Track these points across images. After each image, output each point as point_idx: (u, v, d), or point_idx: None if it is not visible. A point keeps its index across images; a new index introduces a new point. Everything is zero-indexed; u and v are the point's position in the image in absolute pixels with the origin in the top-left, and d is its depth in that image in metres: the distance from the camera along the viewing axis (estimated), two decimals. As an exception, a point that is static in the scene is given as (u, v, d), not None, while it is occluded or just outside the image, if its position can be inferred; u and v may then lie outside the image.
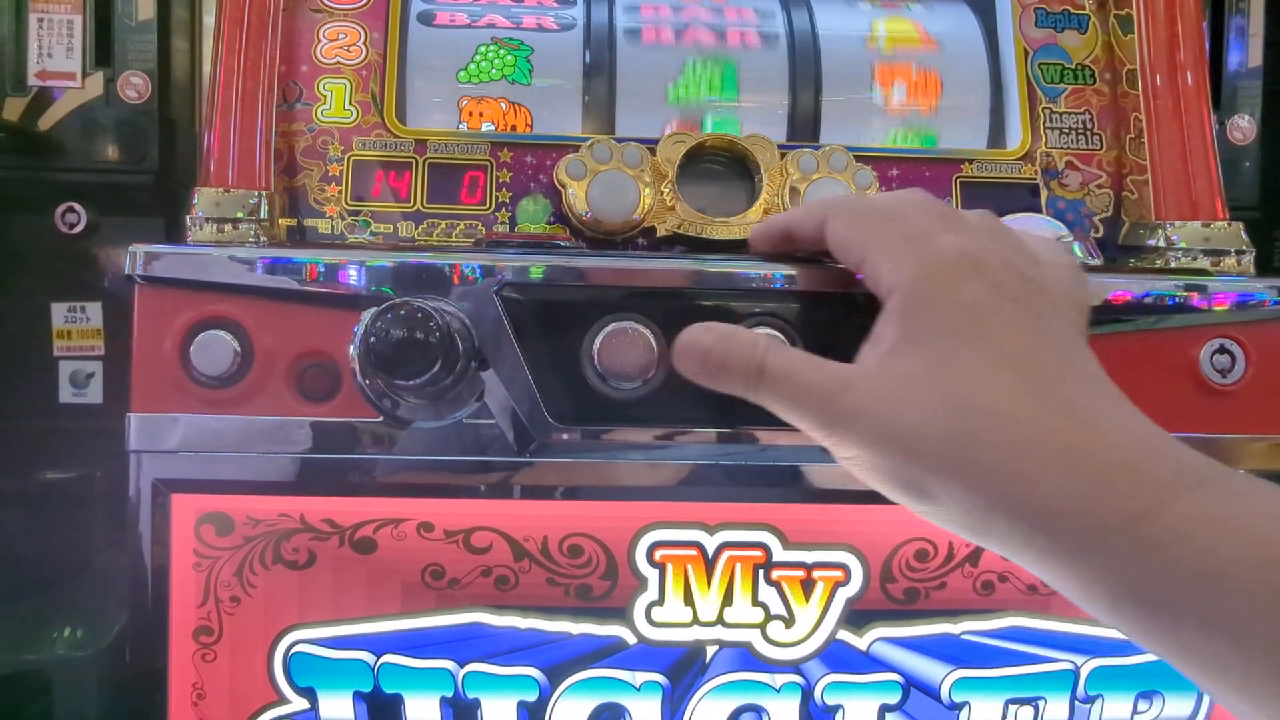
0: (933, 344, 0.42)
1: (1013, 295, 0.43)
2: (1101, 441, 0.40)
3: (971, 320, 0.42)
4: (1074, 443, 0.39)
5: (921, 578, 0.63)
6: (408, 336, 0.53)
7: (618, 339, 0.57)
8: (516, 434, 0.59)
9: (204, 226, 0.67)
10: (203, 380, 0.59)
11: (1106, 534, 0.38)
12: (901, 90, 0.81)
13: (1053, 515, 0.39)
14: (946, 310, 0.43)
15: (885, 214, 0.47)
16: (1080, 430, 0.40)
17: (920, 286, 0.43)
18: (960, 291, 0.43)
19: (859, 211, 0.48)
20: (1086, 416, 0.41)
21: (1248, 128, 0.95)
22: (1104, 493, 0.38)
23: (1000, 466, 0.40)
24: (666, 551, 0.62)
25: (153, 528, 0.59)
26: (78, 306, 0.94)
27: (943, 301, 0.43)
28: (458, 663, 0.61)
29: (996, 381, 0.41)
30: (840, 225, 0.48)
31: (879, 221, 0.47)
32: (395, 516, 0.60)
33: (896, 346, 0.43)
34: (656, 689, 0.62)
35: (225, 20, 0.71)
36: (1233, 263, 0.73)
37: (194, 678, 0.60)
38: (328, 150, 0.73)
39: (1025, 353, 0.42)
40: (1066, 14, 0.82)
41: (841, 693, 0.63)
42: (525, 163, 0.74)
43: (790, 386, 0.46)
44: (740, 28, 0.82)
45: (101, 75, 0.89)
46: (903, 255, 0.44)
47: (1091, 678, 0.64)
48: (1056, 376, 0.42)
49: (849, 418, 0.43)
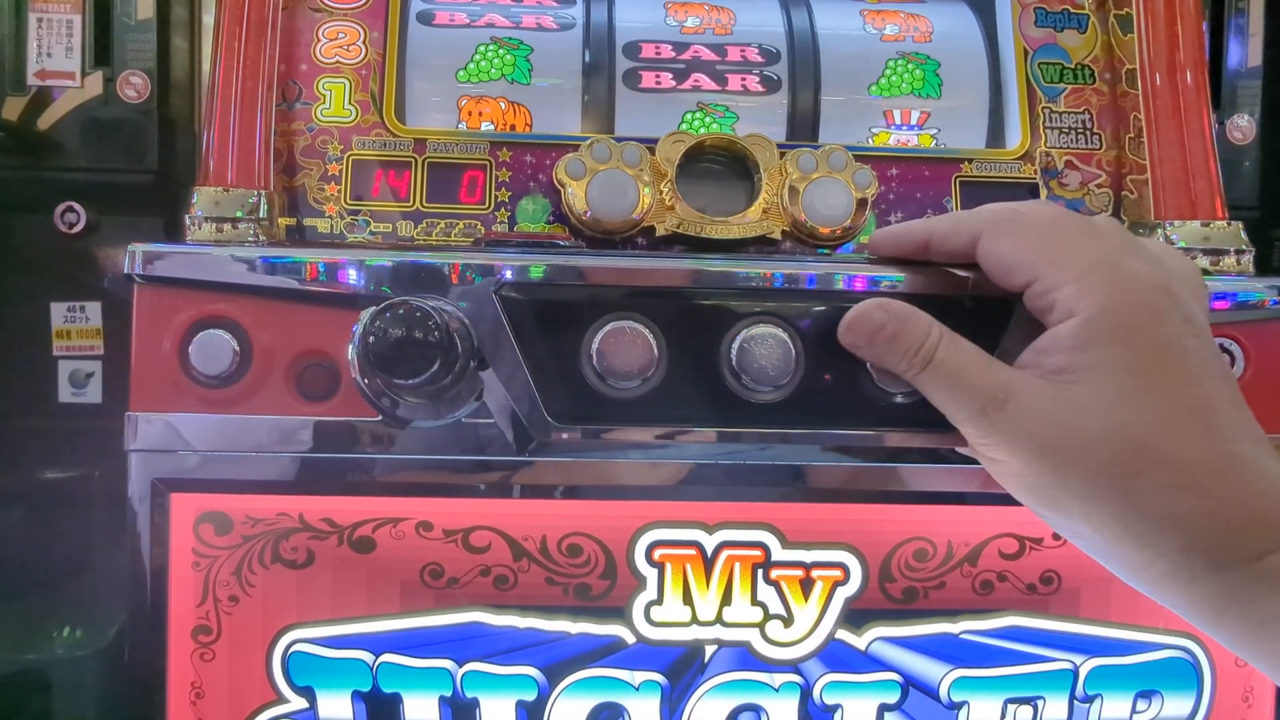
0: (1116, 379, 0.43)
1: (1198, 333, 0.44)
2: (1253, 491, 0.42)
3: (1162, 362, 0.43)
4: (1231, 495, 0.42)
5: (920, 577, 0.63)
6: (407, 336, 0.53)
7: (617, 338, 0.57)
8: (515, 433, 0.59)
9: (203, 226, 0.67)
10: (202, 380, 0.59)
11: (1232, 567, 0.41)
12: (901, 89, 0.81)
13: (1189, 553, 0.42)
14: (1140, 348, 0.43)
15: (1058, 234, 0.47)
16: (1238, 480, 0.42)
17: (1113, 319, 0.44)
18: (1154, 331, 0.44)
19: (1026, 230, 0.48)
20: (1245, 466, 0.43)
21: (1247, 127, 0.95)
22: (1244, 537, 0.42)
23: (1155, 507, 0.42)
24: (665, 551, 0.62)
25: (152, 527, 0.59)
26: (77, 306, 0.94)
27: (1139, 339, 0.43)
28: (456, 662, 0.61)
29: (1174, 428, 0.43)
30: (1004, 244, 0.48)
31: (1051, 242, 0.47)
32: (394, 516, 0.60)
33: (1074, 370, 0.44)
34: (655, 688, 0.62)
35: (225, 19, 0.71)
36: (1232, 262, 0.73)
37: (193, 677, 0.60)
38: (327, 150, 0.73)
39: (1204, 399, 0.43)
40: (1066, 13, 0.82)
41: (840, 692, 0.63)
42: (524, 162, 0.74)
43: (957, 382, 0.47)
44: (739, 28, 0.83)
45: (101, 75, 0.89)
46: (1092, 280, 0.44)
47: (1090, 677, 0.64)
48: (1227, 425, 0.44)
49: (1012, 430, 0.45)
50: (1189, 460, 0.42)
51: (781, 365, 0.57)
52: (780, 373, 0.57)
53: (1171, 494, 0.42)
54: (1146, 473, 0.42)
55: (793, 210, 0.71)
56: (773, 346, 0.57)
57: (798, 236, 0.72)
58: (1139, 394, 0.43)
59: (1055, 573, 0.64)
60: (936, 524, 0.63)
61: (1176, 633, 0.65)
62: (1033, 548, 0.64)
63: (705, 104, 0.80)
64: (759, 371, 0.57)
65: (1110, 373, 0.43)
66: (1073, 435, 0.43)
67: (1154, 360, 0.43)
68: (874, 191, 0.71)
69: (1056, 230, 0.47)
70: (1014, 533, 0.64)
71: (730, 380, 0.58)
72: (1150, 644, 0.65)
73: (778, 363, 0.57)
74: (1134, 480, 0.43)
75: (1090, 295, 0.44)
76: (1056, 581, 0.64)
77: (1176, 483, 0.42)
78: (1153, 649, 0.65)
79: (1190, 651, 0.65)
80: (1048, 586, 0.64)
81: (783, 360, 0.57)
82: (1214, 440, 0.43)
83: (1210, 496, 0.42)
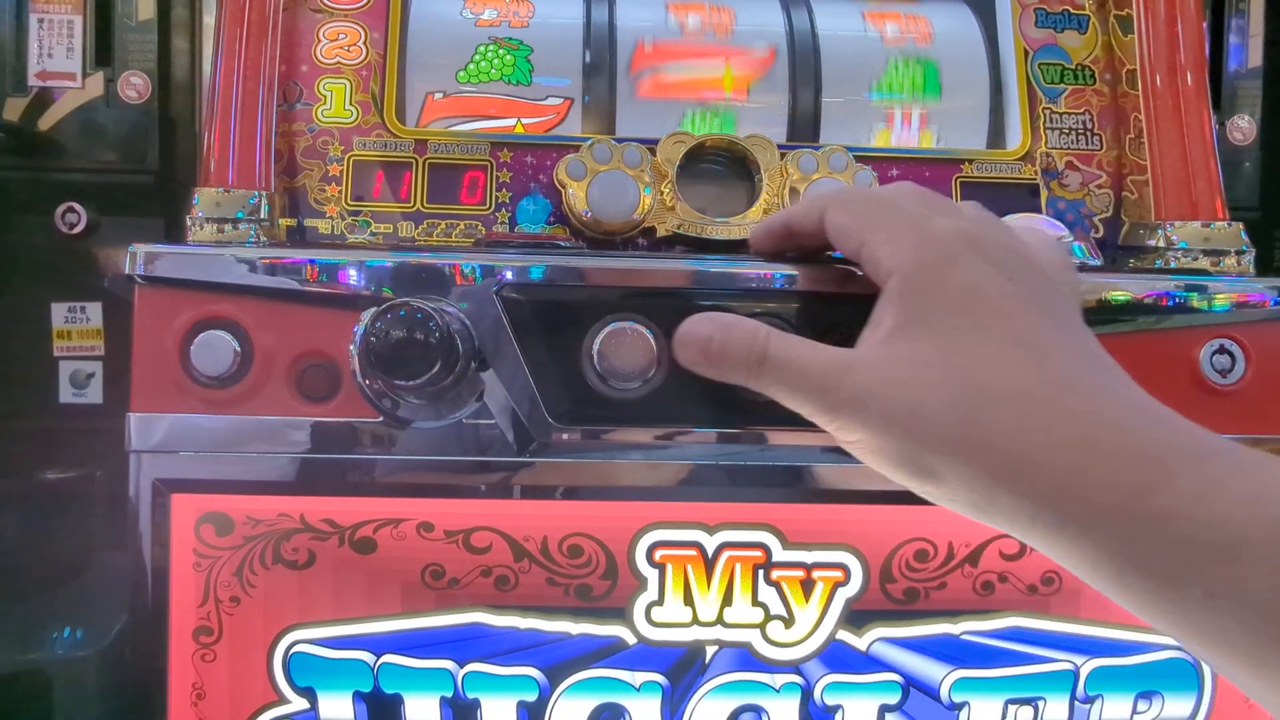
0: (937, 325, 0.43)
1: (1013, 274, 0.43)
2: (1108, 418, 0.40)
3: (977, 300, 0.43)
4: (1082, 421, 0.40)
5: (921, 578, 0.63)
6: (407, 337, 0.53)
7: (618, 339, 0.57)
8: (516, 434, 0.59)
9: (204, 226, 0.67)
10: (203, 380, 0.59)
11: (1113, 508, 0.38)
12: (901, 90, 0.81)
13: (1059, 492, 0.39)
14: (950, 291, 0.43)
15: (880, 200, 0.47)
16: (1087, 408, 0.40)
17: (921, 268, 0.44)
18: (962, 272, 0.43)
19: (856, 199, 0.49)
20: (1093, 394, 0.41)
21: (1248, 128, 0.95)
22: (1111, 468, 0.38)
23: (1009, 446, 0.40)
24: (666, 551, 0.62)
25: (153, 528, 0.59)
26: (78, 306, 0.94)
27: (946, 283, 0.43)
28: (457, 663, 0.61)
29: (1005, 362, 0.41)
30: (838, 214, 0.49)
31: (875, 207, 0.47)
32: (395, 516, 0.60)
33: (899, 328, 0.43)
34: (656, 689, 0.62)
35: (225, 20, 0.71)
36: (1233, 263, 0.73)
37: (194, 678, 0.60)
38: (328, 150, 0.73)
39: (1031, 332, 0.42)
40: (1066, 14, 0.82)
41: (841, 693, 0.63)
42: (525, 163, 0.74)
43: (792, 373, 0.46)
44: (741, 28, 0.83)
45: (102, 75, 0.89)
46: (902, 238, 0.45)
47: (1091, 678, 0.64)
48: (1062, 355, 0.42)
49: (853, 402, 0.44)
50: (1030, 394, 0.40)
51: (782, 366, 0.57)
52: (781, 373, 0.57)
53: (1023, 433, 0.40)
54: (993, 414, 0.40)
55: (793, 211, 0.71)
56: (773, 347, 0.57)
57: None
58: (961, 335, 0.42)
59: (1056, 573, 0.64)
60: (937, 524, 0.63)
61: (1177, 633, 0.65)
62: (1033, 548, 0.64)
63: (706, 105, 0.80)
64: (760, 372, 0.57)
65: (933, 319, 0.43)
66: (915, 391, 0.42)
67: (973, 298, 0.42)
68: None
69: (883, 198, 0.48)
70: (1015, 533, 0.64)
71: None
72: (1151, 645, 0.65)
73: (778, 363, 0.57)
74: (984, 425, 0.40)
75: (902, 251, 0.44)
76: (1057, 582, 0.64)
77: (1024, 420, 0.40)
78: (1153, 650, 0.65)
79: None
80: (1049, 587, 0.64)
81: (783, 361, 0.57)
82: (1051, 369, 0.41)
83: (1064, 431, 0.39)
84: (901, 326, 0.44)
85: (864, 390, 0.43)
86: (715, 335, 0.49)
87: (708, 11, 0.83)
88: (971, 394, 0.41)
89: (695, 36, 0.82)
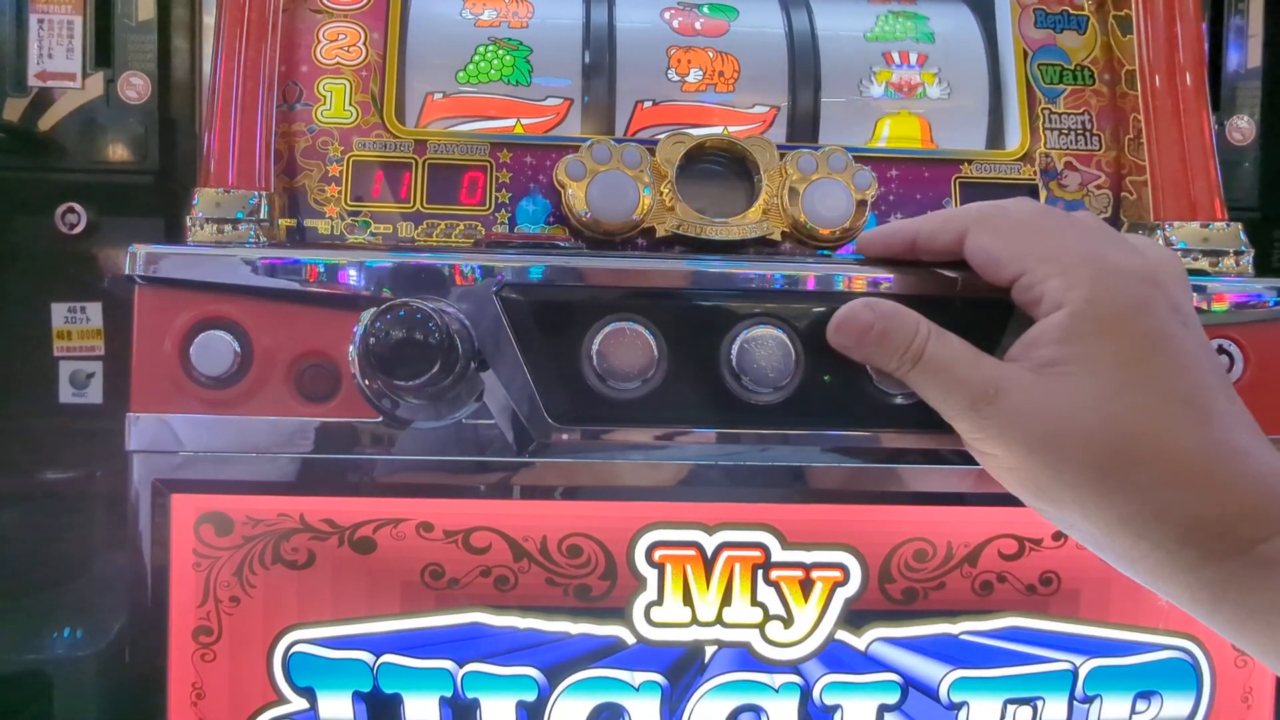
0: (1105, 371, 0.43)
1: (1186, 321, 0.45)
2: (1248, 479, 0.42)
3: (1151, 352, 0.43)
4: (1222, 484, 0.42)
5: (920, 578, 0.63)
6: (407, 337, 0.53)
7: (617, 339, 0.57)
8: (516, 434, 0.59)
9: (204, 227, 0.67)
10: (202, 380, 0.59)
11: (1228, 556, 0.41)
12: (900, 89, 0.81)
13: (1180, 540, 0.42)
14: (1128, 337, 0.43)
15: (1042, 228, 0.47)
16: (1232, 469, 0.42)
17: (1097, 307, 0.44)
18: (1142, 321, 0.44)
19: (1011, 226, 0.48)
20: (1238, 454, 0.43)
21: (1247, 128, 0.95)
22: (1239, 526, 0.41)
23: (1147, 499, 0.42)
24: (665, 551, 0.62)
25: (152, 528, 0.59)
26: (78, 307, 0.94)
27: (1125, 328, 0.43)
28: (457, 663, 0.61)
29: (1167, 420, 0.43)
30: (991, 240, 0.48)
31: (1037, 235, 0.47)
32: (395, 516, 0.60)
33: (1061, 363, 0.44)
34: (655, 689, 0.62)
35: (225, 21, 0.71)
36: (1232, 263, 0.73)
37: (193, 678, 0.60)
38: (327, 151, 0.74)
39: (1195, 388, 0.43)
40: (1065, 15, 0.82)
41: (840, 693, 0.63)
42: (525, 163, 0.74)
43: (946, 378, 0.47)
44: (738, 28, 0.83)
45: (102, 76, 0.89)
46: (1077, 271, 0.45)
47: (1090, 678, 0.64)
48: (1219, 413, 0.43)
49: (1002, 423, 0.45)
50: (1182, 450, 0.42)
51: (781, 366, 0.57)
52: (780, 374, 0.57)
53: (1166, 485, 0.42)
54: (1140, 465, 0.42)
55: (793, 211, 0.71)
56: (773, 348, 0.57)
57: (798, 238, 0.72)
58: (1129, 385, 0.43)
59: (1055, 573, 0.64)
60: (936, 525, 0.63)
61: (1176, 633, 0.65)
62: (1032, 548, 0.64)
63: (705, 105, 0.80)
64: (759, 372, 0.57)
65: (1099, 364, 0.43)
66: (1064, 428, 0.43)
67: (1143, 350, 0.43)
68: (874, 193, 0.71)
69: (1041, 224, 0.48)
70: (1014, 533, 0.64)
71: (730, 381, 0.58)
72: (1150, 644, 0.65)
73: (777, 364, 0.57)
74: (1127, 472, 0.42)
75: (1077, 287, 0.44)
76: (1056, 582, 0.64)
77: (1170, 474, 0.42)
78: (1152, 649, 0.65)
79: (1190, 652, 0.65)
80: (1047, 587, 0.64)
81: (782, 361, 0.57)
82: (1207, 429, 0.43)
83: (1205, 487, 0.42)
84: (1065, 361, 0.44)
85: (1015, 415, 0.44)
86: (876, 324, 0.50)
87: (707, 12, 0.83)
88: (1125, 443, 0.42)
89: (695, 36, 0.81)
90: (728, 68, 0.81)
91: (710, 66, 0.81)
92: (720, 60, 0.81)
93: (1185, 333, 0.44)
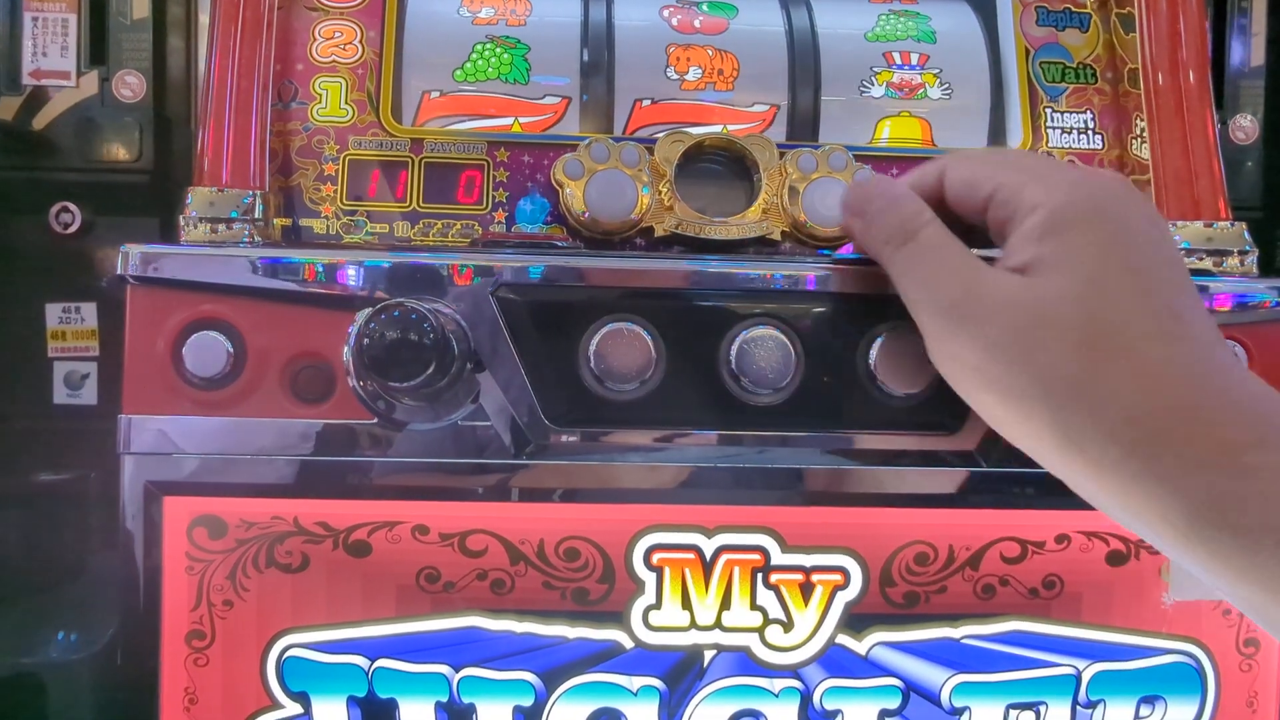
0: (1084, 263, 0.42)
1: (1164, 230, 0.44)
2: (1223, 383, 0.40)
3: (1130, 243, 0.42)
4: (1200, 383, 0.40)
5: (921, 581, 0.63)
6: (402, 338, 0.53)
7: (615, 340, 0.56)
8: (513, 436, 0.59)
9: (198, 226, 0.66)
10: (196, 381, 0.58)
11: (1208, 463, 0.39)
12: (901, 89, 0.81)
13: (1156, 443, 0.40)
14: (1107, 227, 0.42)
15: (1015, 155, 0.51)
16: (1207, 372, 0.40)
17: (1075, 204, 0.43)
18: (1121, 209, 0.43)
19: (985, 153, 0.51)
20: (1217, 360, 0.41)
21: (1250, 127, 0.94)
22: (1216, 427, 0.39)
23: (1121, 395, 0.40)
24: (664, 555, 0.61)
25: (144, 531, 0.59)
26: (72, 307, 0.93)
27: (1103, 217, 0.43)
28: (453, 667, 0.60)
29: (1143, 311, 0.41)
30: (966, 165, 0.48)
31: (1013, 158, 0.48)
32: (390, 519, 0.60)
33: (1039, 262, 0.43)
34: (654, 694, 0.62)
35: (220, 18, 0.70)
36: (1236, 263, 0.72)
37: (186, 682, 0.60)
38: (323, 149, 0.73)
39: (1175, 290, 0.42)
40: (1068, 12, 0.82)
41: (840, 697, 0.63)
42: (522, 162, 0.74)
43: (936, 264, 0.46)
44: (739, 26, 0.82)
45: (96, 74, 0.89)
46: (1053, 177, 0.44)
47: (1093, 683, 0.64)
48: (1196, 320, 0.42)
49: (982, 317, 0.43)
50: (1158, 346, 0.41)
51: (781, 367, 0.57)
52: (780, 375, 0.57)
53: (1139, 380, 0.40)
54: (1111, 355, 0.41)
55: (792, 211, 0.70)
56: (772, 348, 0.57)
57: (797, 237, 0.71)
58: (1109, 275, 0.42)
59: (1057, 577, 0.63)
60: (937, 528, 0.63)
61: (1180, 637, 0.65)
62: (1035, 552, 0.63)
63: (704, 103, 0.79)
64: (758, 374, 0.57)
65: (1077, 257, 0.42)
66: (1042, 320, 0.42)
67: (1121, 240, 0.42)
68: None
69: (1015, 154, 0.50)
70: (1016, 536, 0.63)
71: (729, 382, 0.58)
72: (1153, 649, 0.65)
73: (777, 365, 0.57)
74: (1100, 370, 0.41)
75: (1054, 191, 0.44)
76: (1059, 585, 0.64)
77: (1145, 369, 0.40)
78: (1156, 654, 0.65)
79: (1194, 656, 0.65)
80: (1050, 591, 0.64)
81: (782, 362, 0.57)
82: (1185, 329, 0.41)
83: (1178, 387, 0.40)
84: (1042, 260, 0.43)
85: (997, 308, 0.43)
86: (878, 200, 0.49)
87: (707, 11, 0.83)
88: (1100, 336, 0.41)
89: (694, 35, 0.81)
90: (727, 66, 0.80)
91: (709, 65, 0.80)
92: (720, 58, 0.81)
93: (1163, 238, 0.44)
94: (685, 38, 0.81)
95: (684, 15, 0.82)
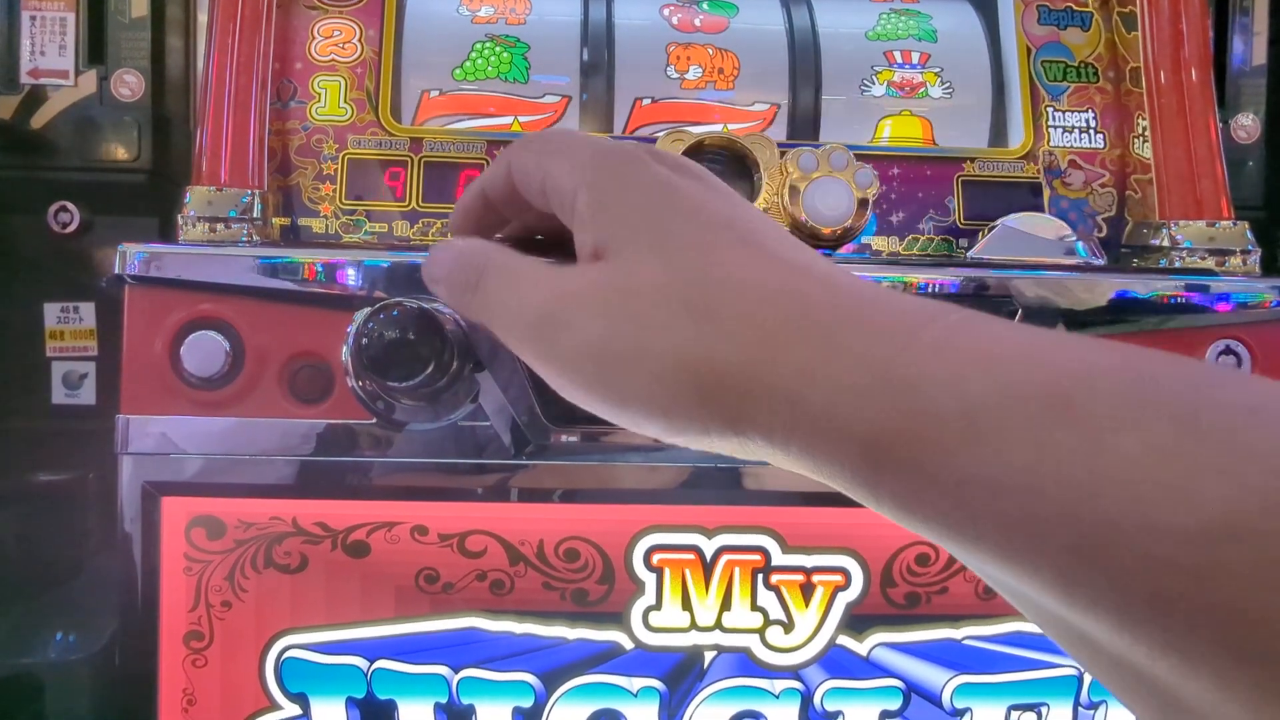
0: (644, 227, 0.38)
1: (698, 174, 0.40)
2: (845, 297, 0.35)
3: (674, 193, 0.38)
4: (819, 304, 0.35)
5: (923, 582, 0.62)
6: (400, 337, 0.52)
7: (615, 340, 0.56)
8: (513, 436, 0.58)
9: (196, 225, 0.66)
10: (194, 381, 0.58)
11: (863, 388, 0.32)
12: (902, 88, 0.81)
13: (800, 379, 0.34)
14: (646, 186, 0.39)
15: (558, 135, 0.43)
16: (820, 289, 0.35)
17: (606, 172, 0.39)
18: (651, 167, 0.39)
19: (534, 139, 0.44)
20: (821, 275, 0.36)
21: (1252, 126, 0.94)
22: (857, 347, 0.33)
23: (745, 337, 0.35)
24: (664, 555, 0.61)
25: (143, 531, 0.58)
26: (71, 307, 0.93)
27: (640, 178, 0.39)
28: (452, 668, 0.60)
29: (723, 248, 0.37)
30: (518, 155, 0.43)
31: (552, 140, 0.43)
32: (389, 520, 0.59)
33: (603, 246, 0.38)
34: (654, 695, 0.61)
35: (218, 17, 0.70)
36: (1238, 262, 0.72)
37: (184, 683, 0.59)
38: (322, 149, 0.73)
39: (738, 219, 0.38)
40: (1069, 11, 0.81)
41: (841, 698, 0.63)
42: (522, 161, 0.73)
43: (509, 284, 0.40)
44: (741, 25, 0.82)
45: (94, 73, 0.88)
46: (578, 153, 0.40)
47: (1095, 684, 0.64)
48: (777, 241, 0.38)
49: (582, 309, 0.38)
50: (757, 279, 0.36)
51: (782, 367, 0.56)
52: (780, 375, 0.56)
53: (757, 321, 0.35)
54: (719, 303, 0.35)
55: (793, 210, 0.70)
56: (773, 348, 0.56)
57: (798, 236, 0.71)
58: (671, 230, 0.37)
59: (1059, 577, 0.63)
60: (939, 528, 0.62)
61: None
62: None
63: (704, 102, 0.79)
64: (759, 373, 0.56)
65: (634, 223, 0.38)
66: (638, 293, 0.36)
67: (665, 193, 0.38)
68: (875, 191, 0.70)
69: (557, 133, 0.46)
70: (1017, 537, 0.63)
71: (730, 382, 0.57)
72: (1155, 649, 0.64)
73: (778, 365, 0.56)
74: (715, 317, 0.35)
75: (582, 167, 0.40)
76: (1060, 586, 0.63)
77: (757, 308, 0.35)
78: (1158, 654, 0.64)
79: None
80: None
81: (783, 362, 0.56)
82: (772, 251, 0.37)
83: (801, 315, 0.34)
84: (606, 242, 0.38)
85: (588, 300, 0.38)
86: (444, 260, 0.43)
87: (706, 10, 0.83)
88: (697, 288, 0.36)
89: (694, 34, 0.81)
90: (727, 65, 0.80)
91: (710, 64, 0.80)
92: (720, 57, 0.80)
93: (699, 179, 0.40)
94: (685, 36, 0.81)
95: (684, 14, 0.82)
